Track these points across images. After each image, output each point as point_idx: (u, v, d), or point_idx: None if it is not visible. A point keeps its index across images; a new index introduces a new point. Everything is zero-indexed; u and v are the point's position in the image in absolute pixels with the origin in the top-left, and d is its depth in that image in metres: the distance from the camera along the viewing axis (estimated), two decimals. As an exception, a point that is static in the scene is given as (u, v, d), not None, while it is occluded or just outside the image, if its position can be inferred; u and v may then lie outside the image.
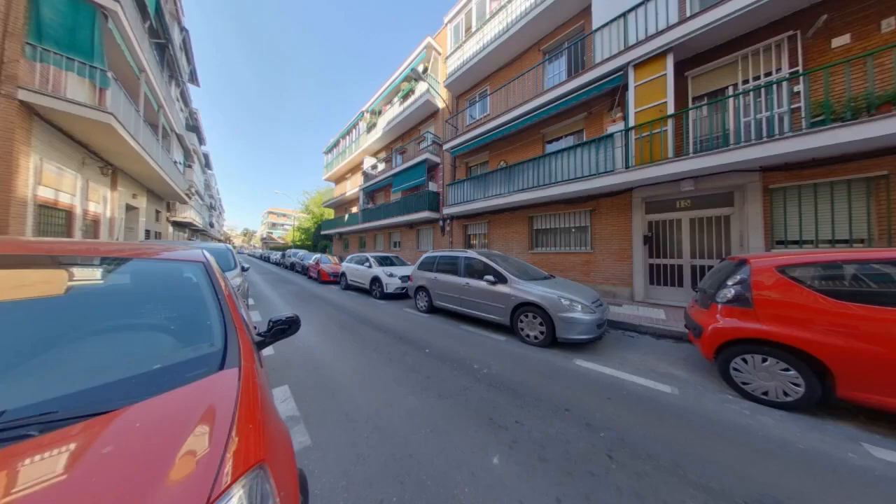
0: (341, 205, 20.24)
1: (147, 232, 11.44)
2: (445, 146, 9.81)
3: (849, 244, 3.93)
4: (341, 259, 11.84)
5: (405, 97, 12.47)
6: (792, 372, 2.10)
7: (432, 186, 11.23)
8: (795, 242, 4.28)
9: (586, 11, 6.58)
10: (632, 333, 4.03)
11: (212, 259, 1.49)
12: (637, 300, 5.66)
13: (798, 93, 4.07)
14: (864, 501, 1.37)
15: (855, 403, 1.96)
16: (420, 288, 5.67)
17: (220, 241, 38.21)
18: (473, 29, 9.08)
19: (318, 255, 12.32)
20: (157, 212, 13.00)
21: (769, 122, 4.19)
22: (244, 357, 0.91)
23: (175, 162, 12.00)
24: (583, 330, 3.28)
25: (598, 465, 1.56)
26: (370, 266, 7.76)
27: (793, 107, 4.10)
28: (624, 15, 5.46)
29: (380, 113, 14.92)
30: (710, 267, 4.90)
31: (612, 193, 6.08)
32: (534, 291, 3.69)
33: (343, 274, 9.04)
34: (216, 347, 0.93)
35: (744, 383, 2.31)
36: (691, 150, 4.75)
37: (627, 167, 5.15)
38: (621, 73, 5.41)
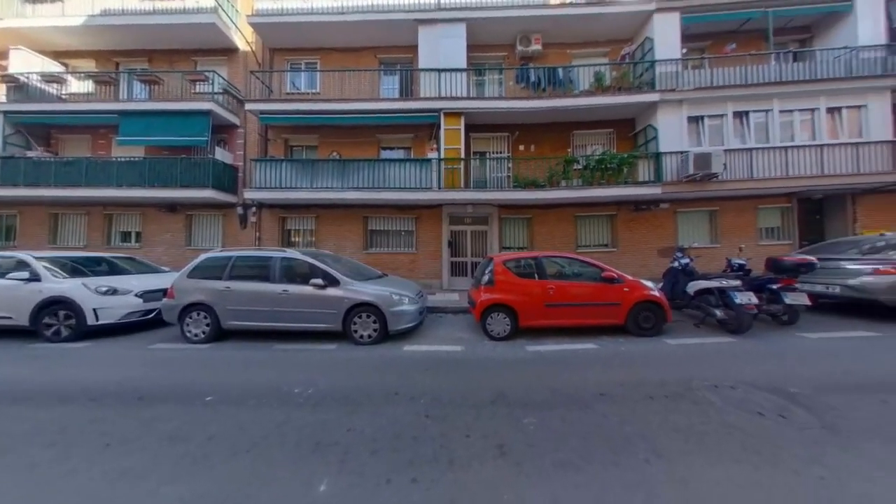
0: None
1: None
2: (252, 106, 7.30)
3: (522, 249, 7.89)
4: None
5: (164, -5, 7.64)
6: (507, 319, 3.85)
7: (222, 154, 7.83)
8: (510, 248, 7.86)
9: (416, 47, 7.71)
10: (441, 314, 5.35)
11: None
12: (444, 289, 7.59)
13: (510, 167, 7.55)
14: (527, 370, 2.82)
15: (525, 328, 3.94)
16: (193, 306, 3.81)
17: None
18: (297, -19, 7.58)
19: None
20: None
21: (500, 180, 7.41)
22: None
23: None
24: (409, 319, 3.87)
25: (420, 427, 1.94)
26: (29, 279, 3.98)
27: (509, 174, 7.53)
28: (439, 71, 7.11)
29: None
30: (479, 262, 7.69)
31: (430, 206, 7.66)
32: (368, 291, 3.80)
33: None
34: None
35: (491, 331, 3.88)
36: (471, 185, 7.20)
37: (439, 188, 6.78)
38: (437, 114, 7.00)
